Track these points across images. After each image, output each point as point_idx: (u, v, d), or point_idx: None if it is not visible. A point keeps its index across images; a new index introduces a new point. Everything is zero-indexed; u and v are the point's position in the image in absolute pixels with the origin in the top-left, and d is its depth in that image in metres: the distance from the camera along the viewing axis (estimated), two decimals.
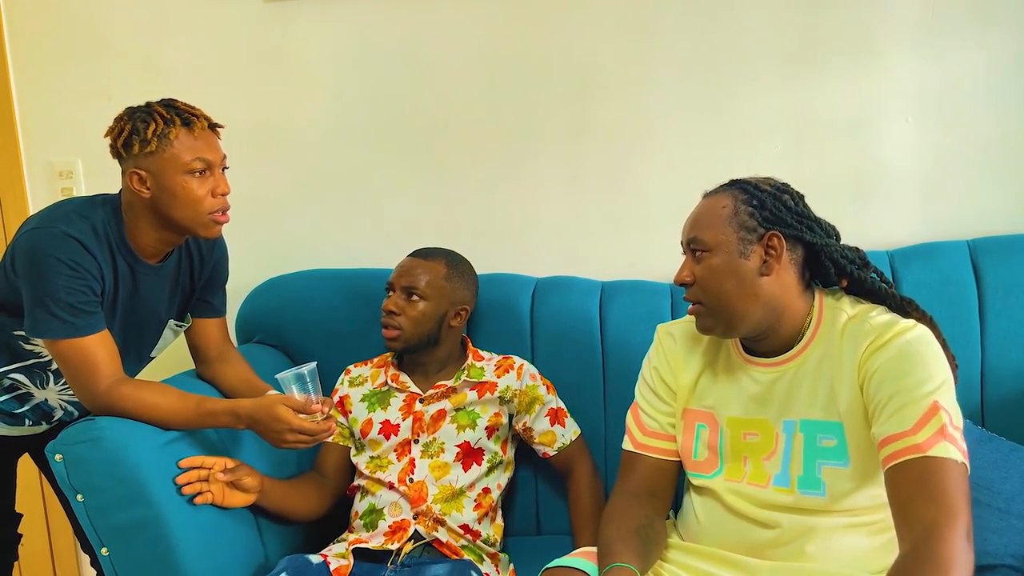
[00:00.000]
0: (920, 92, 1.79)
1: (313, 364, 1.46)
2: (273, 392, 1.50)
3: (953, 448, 1.13)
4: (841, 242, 1.32)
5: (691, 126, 1.87)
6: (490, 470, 1.65)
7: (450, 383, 1.67)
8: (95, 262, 1.41)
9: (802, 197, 1.32)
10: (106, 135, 1.46)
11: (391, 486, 1.60)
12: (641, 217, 1.91)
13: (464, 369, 1.69)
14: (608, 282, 1.84)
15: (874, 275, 1.31)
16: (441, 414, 1.65)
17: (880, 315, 1.26)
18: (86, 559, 2.29)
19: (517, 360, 1.71)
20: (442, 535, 1.57)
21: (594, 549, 1.30)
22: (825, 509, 1.25)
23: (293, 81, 1.99)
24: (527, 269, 1.92)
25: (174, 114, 1.43)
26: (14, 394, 1.59)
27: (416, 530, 1.56)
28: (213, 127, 1.48)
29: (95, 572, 1.82)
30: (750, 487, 1.30)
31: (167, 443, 1.43)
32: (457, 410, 1.66)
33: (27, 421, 1.62)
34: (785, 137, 1.84)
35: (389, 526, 1.57)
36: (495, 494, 1.65)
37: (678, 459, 1.41)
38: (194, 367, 1.69)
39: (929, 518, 1.08)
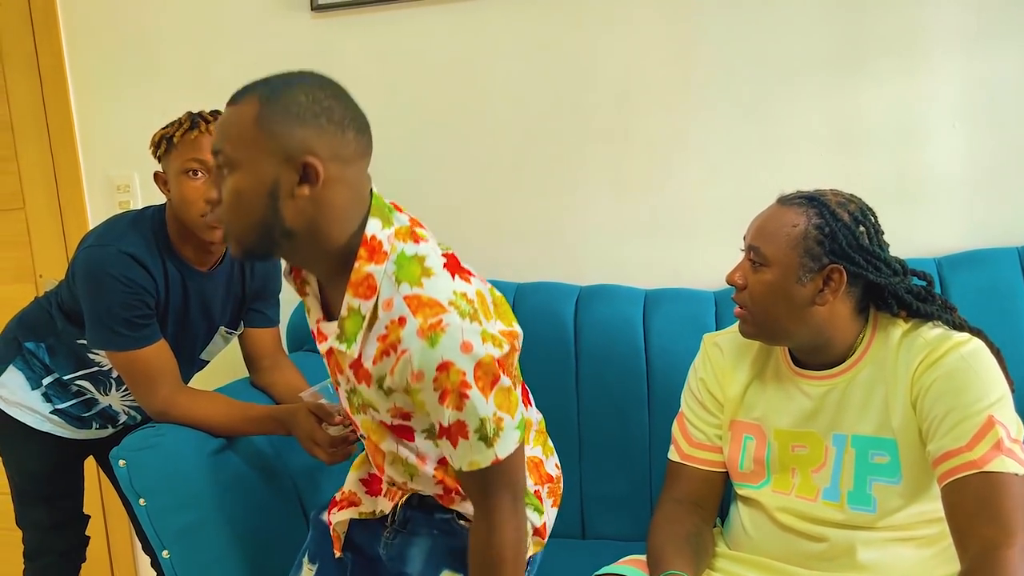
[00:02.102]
0: (967, 96, 1.77)
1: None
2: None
3: (1011, 461, 1.12)
4: (908, 276, 1.28)
5: (733, 132, 1.87)
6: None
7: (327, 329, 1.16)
8: (149, 276, 1.47)
9: (880, 232, 1.27)
10: (150, 146, 1.54)
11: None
12: (684, 224, 1.92)
13: (343, 315, 1.11)
14: (651, 290, 1.85)
15: (938, 307, 1.27)
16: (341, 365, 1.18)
17: (933, 328, 1.25)
18: (143, 560, 2.36)
19: (405, 341, 1.06)
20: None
21: (643, 557, 1.31)
22: (872, 525, 1.25)
23: None
24: (570, 277, 1.94)
25: (188, 118, 1.49)
26: (81, 399, 1.66)
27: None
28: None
29: (155, 573, 1.88)
30: (799, 500, 1.30)
31: (223, 448, 1.48)
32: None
33: (94, 424, 1.70)
34: (829, 142, 1.83)
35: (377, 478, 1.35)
36: None
37: (724, 470, 1.41)
38: (248, 375, 1.74)
39: (986, 537, 1.09)
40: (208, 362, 1.74)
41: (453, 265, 1.13)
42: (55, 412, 1.66)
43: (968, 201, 1.80)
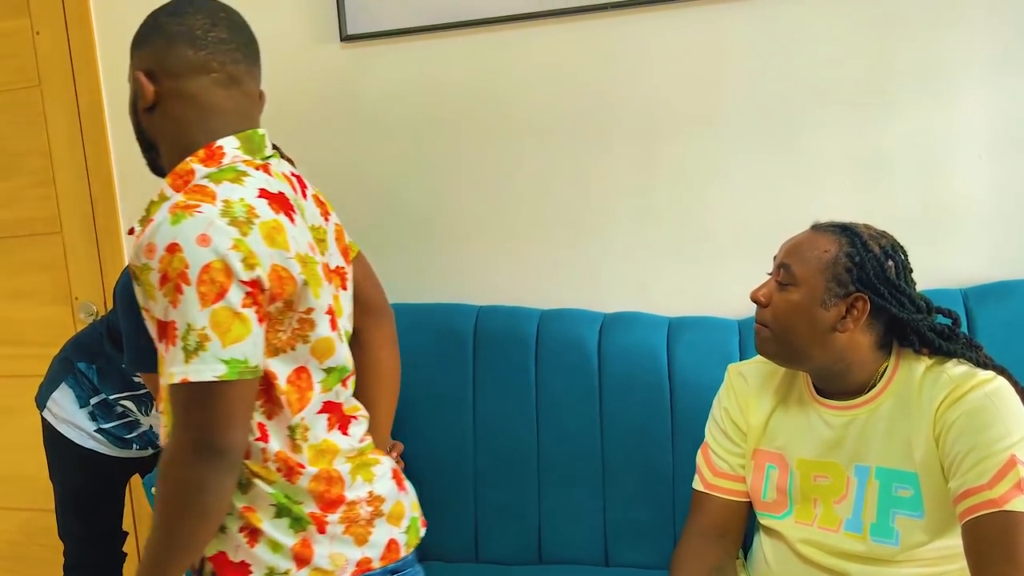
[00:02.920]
0: (993, 126, 1.76)
1: None
2: None
3: None
4: (932, 314, 1.29)
5: (759, 161, 1.87)
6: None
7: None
8: None
9: (908, 269, 1.30)
10: None
11: None
12: (709, 252, 1.93)
13: (153, 199, 1.14)
14: (675, 318, 1.86)
15: (962, 345, 1.28)
16: None
17: (957, 366, 1.26)
18: None
19: (157, 213, 1.05)
20: None
21: None
22: (894, 559, 1.25)
23: (369, 123, 2.07)
24: (594, 304, 1.95)
25: None
26: (124, 421, 1.75)
27: None
28: None
29: None
30: (820, 531, 1.31)
31: None
32: None
33: (134, 446, 1.77)
34: (854, 172, 1.83)
35: None
36: None
37: (748, 500, 1.42)
38: None
39: (1000, 574, 1.09)
40: None
41: (278, 200, 1.10)
42: (99, 431, 1.74)
43: (995, 232, 1.79)
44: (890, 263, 1.27)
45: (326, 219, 1.24)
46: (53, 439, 1.78)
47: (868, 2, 1.78)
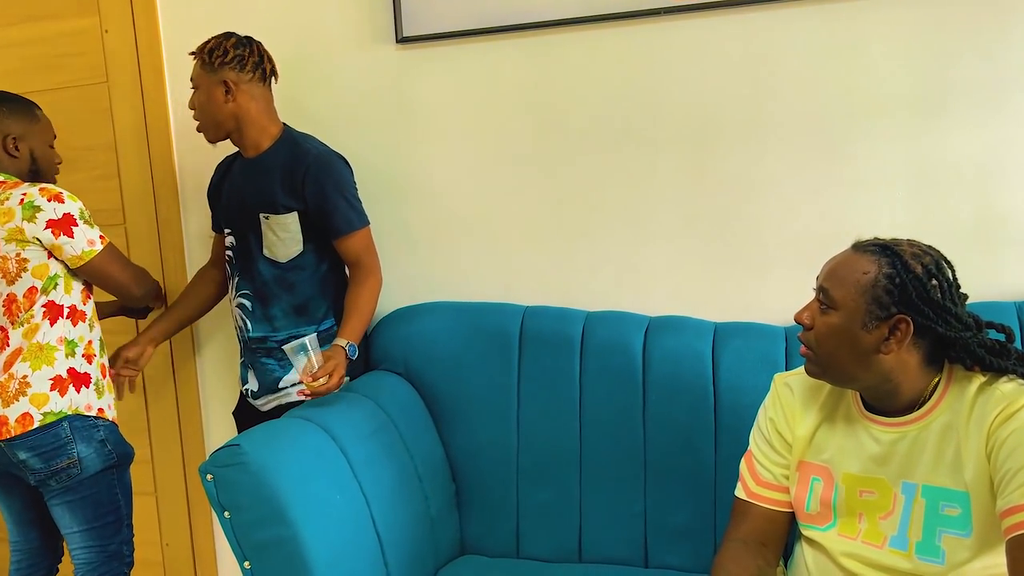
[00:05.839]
0: None
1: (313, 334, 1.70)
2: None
3: None
4: (982, 330, 1.26)
5: (810, 170, 1.86)
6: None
7: None
8: (217, 171, 2.05)
9: (956, 286, 1.26)
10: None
11: None
12: (756, 259, 1.92)
13: None
14: (721, 323, 1.86)
15: (1015, 361, 1.25)
16: None
17: (1011, 382, 1.24)
18: (225, 563, 2.47)
19: None
20: None
21: None
22: None
23: (423, 123, 2.10)
24: (640, 307, 1.96)
25: None
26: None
27: None
28: (193, 54, 1.91)
29: (239, 572, 1.98)
30: (864, 545, 1.30)
31: (302, 470, 1.55)
32: None
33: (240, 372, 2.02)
34: (908, 183, 1.81)
35: None
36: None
37: (790, 510, 1.42)
38: None
39: None
40: (279, 263, 1.88)
41: None
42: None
43: None
44: (934, 283, 1.24)
45: None
46: None
47: (923, 12, 1.76)
